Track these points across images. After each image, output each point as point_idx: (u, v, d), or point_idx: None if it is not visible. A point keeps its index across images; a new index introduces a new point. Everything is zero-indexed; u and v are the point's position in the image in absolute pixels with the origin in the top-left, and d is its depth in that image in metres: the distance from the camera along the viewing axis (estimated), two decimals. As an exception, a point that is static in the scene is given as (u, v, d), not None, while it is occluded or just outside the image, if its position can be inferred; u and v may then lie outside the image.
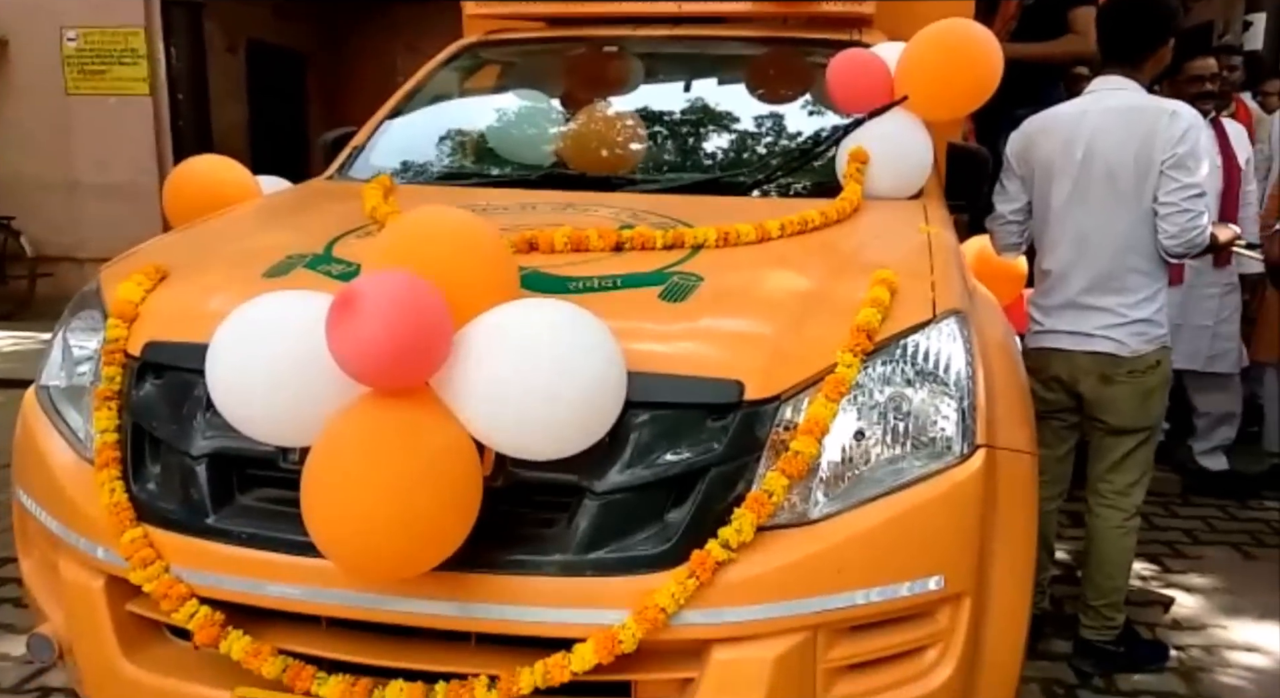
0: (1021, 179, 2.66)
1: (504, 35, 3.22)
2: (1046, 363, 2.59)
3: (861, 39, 2.89)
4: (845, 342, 1.55)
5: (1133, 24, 2.54)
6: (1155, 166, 2.40)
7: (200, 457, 1.54)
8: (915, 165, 2.36)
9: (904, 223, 2.14)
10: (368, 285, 1.24)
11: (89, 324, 1.83)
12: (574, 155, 2.71)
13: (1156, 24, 2.55)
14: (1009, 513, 1.62)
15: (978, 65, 2.30)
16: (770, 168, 2.44)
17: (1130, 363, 2.48)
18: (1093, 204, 2.49)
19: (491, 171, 2.63)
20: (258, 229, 2.17)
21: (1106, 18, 2.60)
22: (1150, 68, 2.57)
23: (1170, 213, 2.40)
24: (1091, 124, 2.49)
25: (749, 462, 1.46)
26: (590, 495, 1.43)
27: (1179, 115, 2.40)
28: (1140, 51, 2.54)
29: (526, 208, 2.18)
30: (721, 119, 2.75)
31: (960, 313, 1.68)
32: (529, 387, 1.29)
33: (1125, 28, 2.55)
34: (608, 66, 3.08)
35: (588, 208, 2.16)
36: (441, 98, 3.01)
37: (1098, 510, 2.59)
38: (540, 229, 1.85)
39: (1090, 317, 2.51)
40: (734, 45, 3.03)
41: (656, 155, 2.65)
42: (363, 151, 2.75)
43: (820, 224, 2.03)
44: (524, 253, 1.80)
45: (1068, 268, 2.54)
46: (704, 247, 1.88)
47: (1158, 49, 2.56)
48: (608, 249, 1.84)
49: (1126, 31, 2.54)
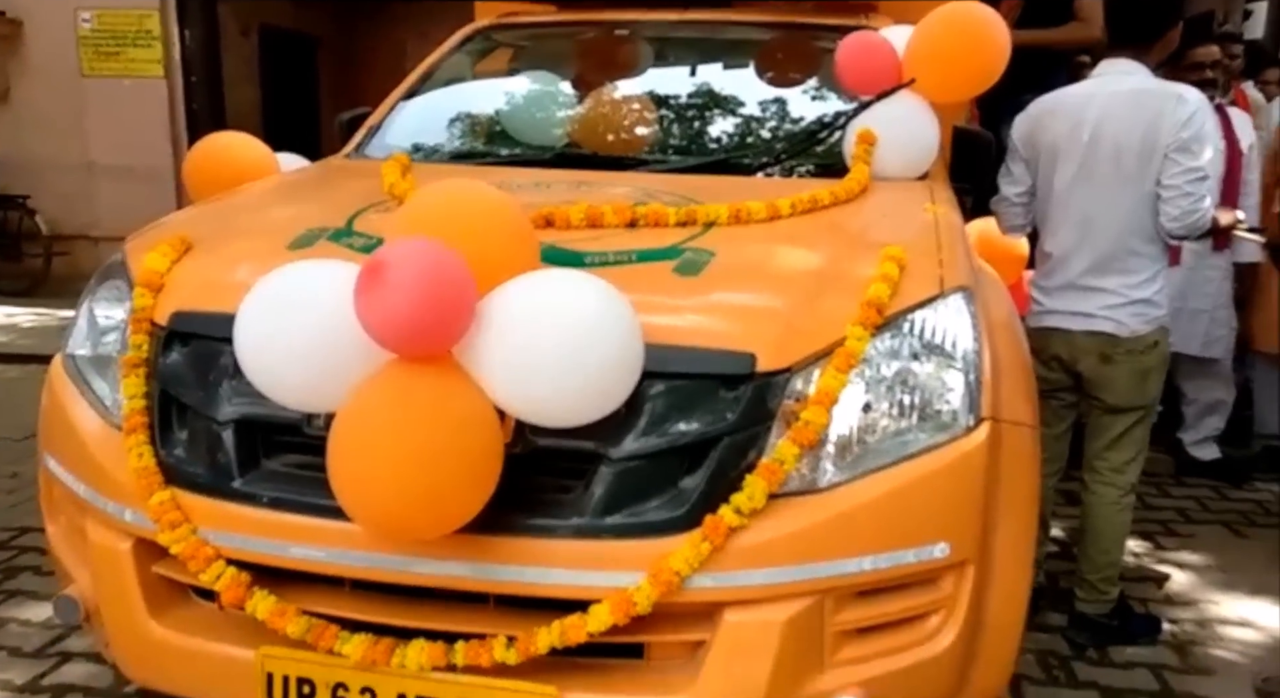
0: (1027, 162, 2.69)
1: (516, 19, 3.25)
2: (1047, 342, 2.63)
3: (868, 23, 2.92)
4: (855, 315, 1.59)
5: (1143, 7, 2.57)
6: (1160, 150, 2.43)
7: (226, 422, 1.58)
8: (922, 147, 2.40)
9: (911, 203, 2.17)
10: (396, 254, 1.28)
11: (115, 295, 1.88)
12: (586, 136, 2.75)
13: (1166, 7, 2.58)
14: (1012, 484, 1.66)
15: (985, 48, 2.33)
16: (779, 149, 2.48)
17: (1129, 343, 2.52)
18: (1097, 186, 2.52)
19: (505, 151, 2.67)
20: (279, 204, 2.22)
21: (1114, 3, 2.63)
22: (1158, 51, 2.60)
23: (1173, 196, 2.43)
24: (1099, 107, 2.52)
25: (761, 431, 1.50)
26: (607, 462, 1.47)
27: (1185, 99, 2.43)
28: (1150, 35, 2.57)
29: (541, 186, 2.22)
30: (731, 101, 2.79)
31: (967, 289, 1.71)
32: (550, 356, 1.33)
33: (1135, 11, 2.57)
34: (619, 50, 3.12)
35: (601, 186, 2.20)
36: (455, 80, 3.04)
37: (1094, 487, 2.64)
38: (556, 206, 1.89)
39: (1091, 297, 2.55)
40: (743, 30, 3.06)
41: (667, 136, 2.69)
42: (379, 131, 2.79)
43: (829, 203, 2.07)
44: (541, 228, 1.84)
45: (1070, 249, 2.58)
46: (716, 224, 1.91)
47: (1166, 32, 2.59)
48: (622, 225, 1.88)
49: (1136, 14, 2.57)
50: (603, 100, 2.79)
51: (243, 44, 7.87)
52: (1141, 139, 2.44)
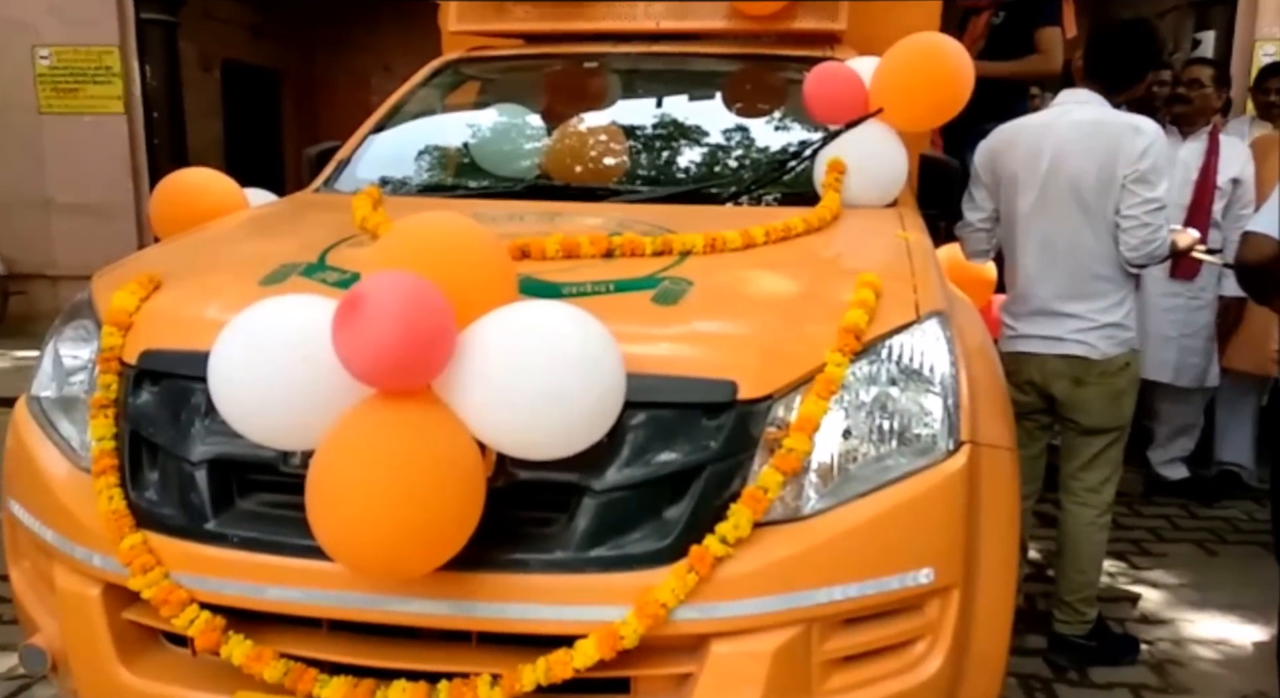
0: (988, 188, 2.74)
1: (485, 53, 3.26)
2: (1020, 366, 2.66)
3: (834, 55, 2.96)
4: (834, 341, 1.59)
5: (1124, 51, 2.62)
6: (1118, 180, 2.47)
7: (200, 462, 1.55)
8: (891, 175, 2.43)
9: (882, 229, 2.20)
10: (374, 287, 1.26)
11: (81, 334, 1.84)
12: (557, 168, 2.75)
13: (1145, 55, 2.65)
14: (993, 507, 1.67)
15: (950, 78, 2.37)
16: (750, 178, 2.50)
17: (1101, 365, 2.56)
18: (1057, 214, 2.56)
19: (476, 184, 2.67)
20: (249, 239, 2.19)
21: (1098, 40, 2.67)
22: (1127, 94, 2.66)
23: (1132, 226, 2.48)
24: (1056, 136, 2.57)
25: (744, 459, 1.50)
26: (590, 494, 1.46)
27: (1142, 131, 2.48)
28: (1124, 78, 2.62)
29: (514, 218, 2.22)
30: (701, 132, 2.81)
31: (942, 314, 1.73)
32: (531, 388, 1.32)
33: (1115, 53, 2.62)
34: (588, 82, 3.14)
35: (574, 217, 2.21)
36: (425, 113, 3.04)
37: (1070, 508, 2.66)
38: (531, 237, 1.89)
39: (1061, 322, 2.59)
40: (711, 62, 3.09)
41: (639, 167, 2.70)
42: (348, 165, 2.77)
43: (803, 231, 2.08)
44: (516, 260, 1.83)
45: (1035, 275, 2.62)
46: (692, 253, 1.92)
47: (1140, 80, 2.66)
48: (598, 256, 1.88)
49: (1116, 57, 2.61)
50: (573, 132, 2.81)
51: (205, 79, 7.82)
52: (1099, 169, 2.49)
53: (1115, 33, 2.69)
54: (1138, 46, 2.64)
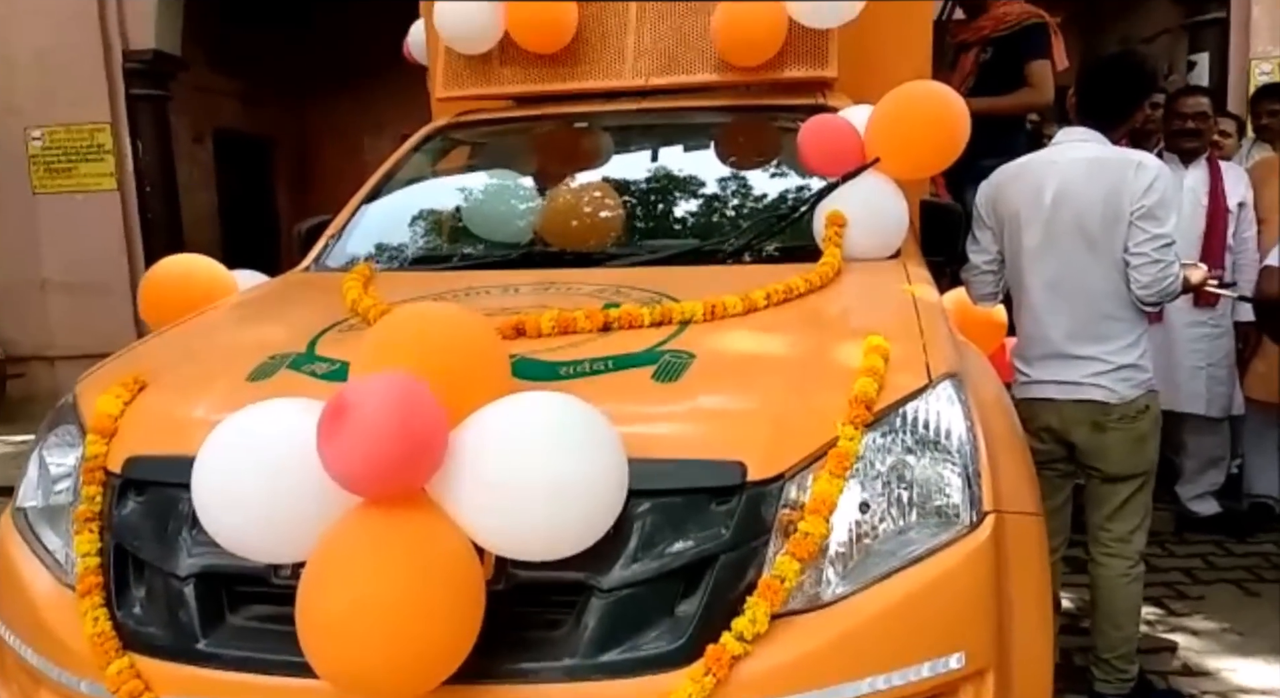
0: (992, 229, 2.68)
1: (474, 117, 3.23)
2: (1036, 413, 2.58)
3: (826, 102, 2.92)
4: (845, 414, 1.52)
5: (1114, 85, 2.57)
6: (1124, 217, 2.42)
7: (187, 577, 1.48)
8: (892, 225, 2.37)
9: (887, 284, 2.14)
10: (358, 392, 1.20)
11: (66, 440, 1.77)
12: (552, 232, 2.70)
13: (1137, 86, 2.60)
14: (1022, 579, 1.58)
15: (946, 125, 2.33)
16: (748, 235, 2.44)
17: (1120, 409, 2.48)
18: (1063, 252, 2.50)
19: (471, 253, 2.62)
20: (237, 328, 2.13)
21: (1087, 77, 2.63)
22: (1124, 128, 2.62)
23: (1142, 263, 2.41)
24: (1059, 173, 2.51)
25: (757, 546, 1.42)
26: (597, 593, 1.38)
27: (1145, 166, 2.43)
28: (1118, 112, 2.57)
29: (509, 290, 2.17)
30: (696, 188, 2.76)
31: (955, 376, 1.66)
32: (527, 487, 1.25)
33: (1105, 88, 2.57)
34: (580, 142, 3.10)
35: (570, 286, 2.15)
36: (416, 181, 3.00)
37: (1101, 560, 2.56)
38: (526, 313, 1.83)
39: (1075, 366, 2.51)
40: (702, 115, 3.05)
41: (635, 228, 2.66)
42: (339, 240, 2.73)
43: (805, 291, 2.02)
44: (511, 339, 1.78)
45: (1045, 317, 2.55)
46: (692, 321, 1.86)
47: (1136, 111, 2.61)
48: (595, 330, 1.82)
49: (1107, 92, 2.57)
50: (566, 195, 2.76)
51: (197, 151, 7.84)
52: (1104, 207, 2.43)
53: (1103, 68, 2.65)
54: (1127, 80, 2.59)
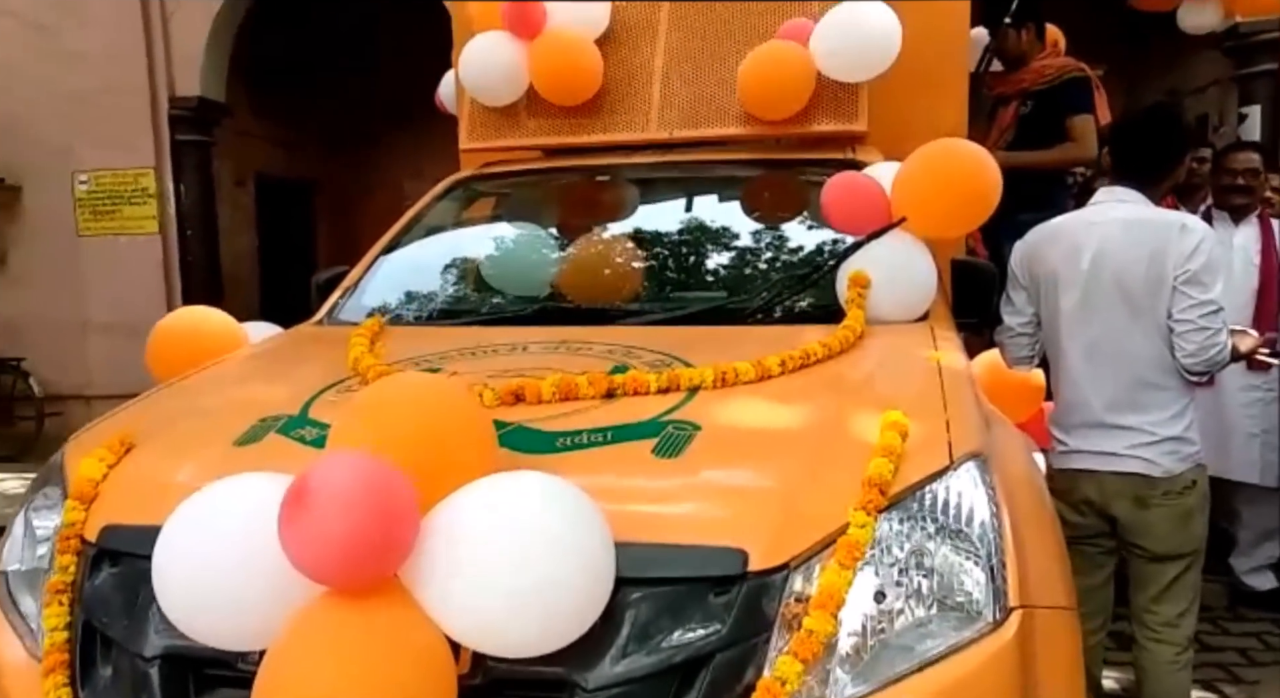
0: (1027, 290, 2.56)
1: (497, 169, 3.20)
2: (1074, 485, 2.44)
3: (855, 157, 2.85)
4: (857, 498, 1.41)
5: (1149, 142, 2.47)
6: (1168, 282, 2.29)
7: (153, 658, 1.40)
8: (919, 287, 2.27)
9: (911, 350, 2.03)
10: (322, 475, 1.12)
11: (50, 502, 1.72)
12: (570, 287, 2.64)
13: (1174, 142, 2.48)
14: (1052, 681, 1.45)
15: (975, 185, 2.23)
16: (769, 294, 2.35)
17: (1164, 484, 2.33)
18: (1103, 317, 2.38)
19: (486, 308, 2.56)
20: (234, 387, 2.07)
21: (1121, 134, 2.53)
22: (1164, 185, 2.50)
23: (1187, 330, 2.28)
24: (1098, 234, 2.40)
25: (758, 643, 1.31)
26: (581, 692, 1.27)
27: (1190, 228, 2.31)
28: (1156, 170, 2.46)
29: (518, 348, 2.10)
30: (717, 245, 2.69)
31: (980, 456, 1.54)
32: (505, 577, 1.16)
33: (1141, 145, 2.47)
34: (601, 196, 3.05)
35: (581, 346, 2.08)
36: (436, 232, 2.96)
37: (1147, 645, 2.40)
38: (527, 377, 1.76)
39: (1116, 436, 2.37)
40: (727, 168, 2.98)
41: (652, 285, 2.57)
42: (354, 292, 2.69)
43: (823, 357, 1.92)
44: (510, 405, 1.71)
45: (1083, 383, 2.42)
46: (701, 388, 1.77)
47: (1175, 168, 2.49)
48: (598, 397, 1.74)
49: (1142, 149, 2.46)
50: (584, 251, 2.70)
51: (239, 194, 7.98)
52: (1146, 270, 2.31)
53: (1137, 124, 2.54)
54: (1163, 135, 2.48)
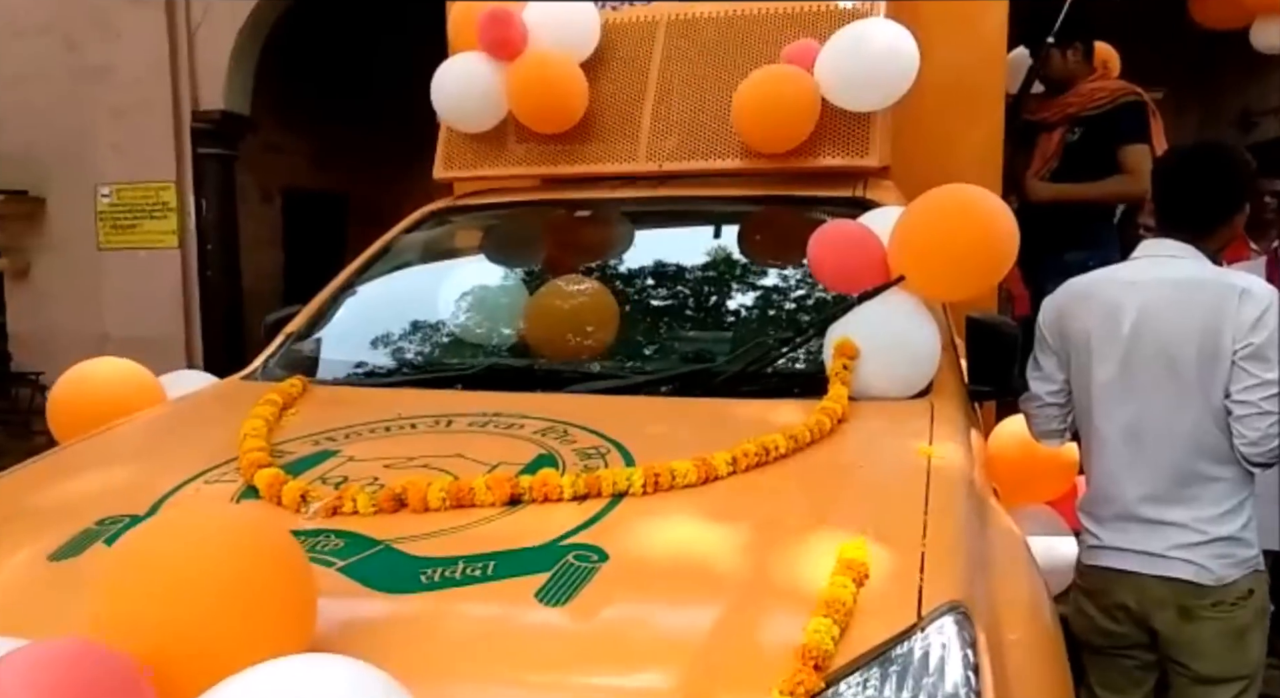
0: (1058, 355, 2.19)
1: (473, 200, 2.92)
2: (1108, 586, 2.07)
3: (865, 195, 2.50)
4: (784, 675, 1.08)
5: (1201, 187, 2.07)
6: (1226, 357, 1.92)
7: None
8: (918, 359, 1.92)
9: (899, 443, 1.71)
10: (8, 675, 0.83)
11: None
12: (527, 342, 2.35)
13: (1231, 186, 2.09)
14: None
15: (988, 238, 1.88)
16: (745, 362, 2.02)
17: (1216, 593, 1.96)
18: (1146, 393, 2.01)
19: (429, 367, 2.27)
20: (100, 467, 1.76)
21: (1168, 176, 2.13)
22: (1220, 238, 2.10)
23: (1248, 415, 1.91)
24: (1141, 296, 2.02)
25: None
26: None
27: (1252, 294, 1.93)
28: (1211, 221, 2.07)
29: (441, 423, 1.83)
30: (697, 298, 2.38)
31: (959, 608, 1.20)
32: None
33: (1191, 191, 2.07)
34: (577, 236, 2.75)
35: (514, 422, 1.80)
36: (398, 271, 2.69)
37: (1189, 780, 2.02)
38: (415, 478, 1.49)
39: (1158, 533, 2.00)
40: (720, 205, 2.65)
41: (617, 345, 2.26)
42: (295, 341, 2.42)
43: (787, 451, 1.60)
44: (390, 513, 1.43)
45: (1120, 471, 2.05)
46: (630, 493, 1.46)
47: (1232, 217, 2.09)
48: (499, 504, 1.44)
49: (1193, 195, 2.07)
50: (546, 301, 2.38)
51: (265, 208, 7.85)
52: (1200, 342, 1.94)
53: (1185, 165, 2.13)
54: (1216, 179, 2.07)
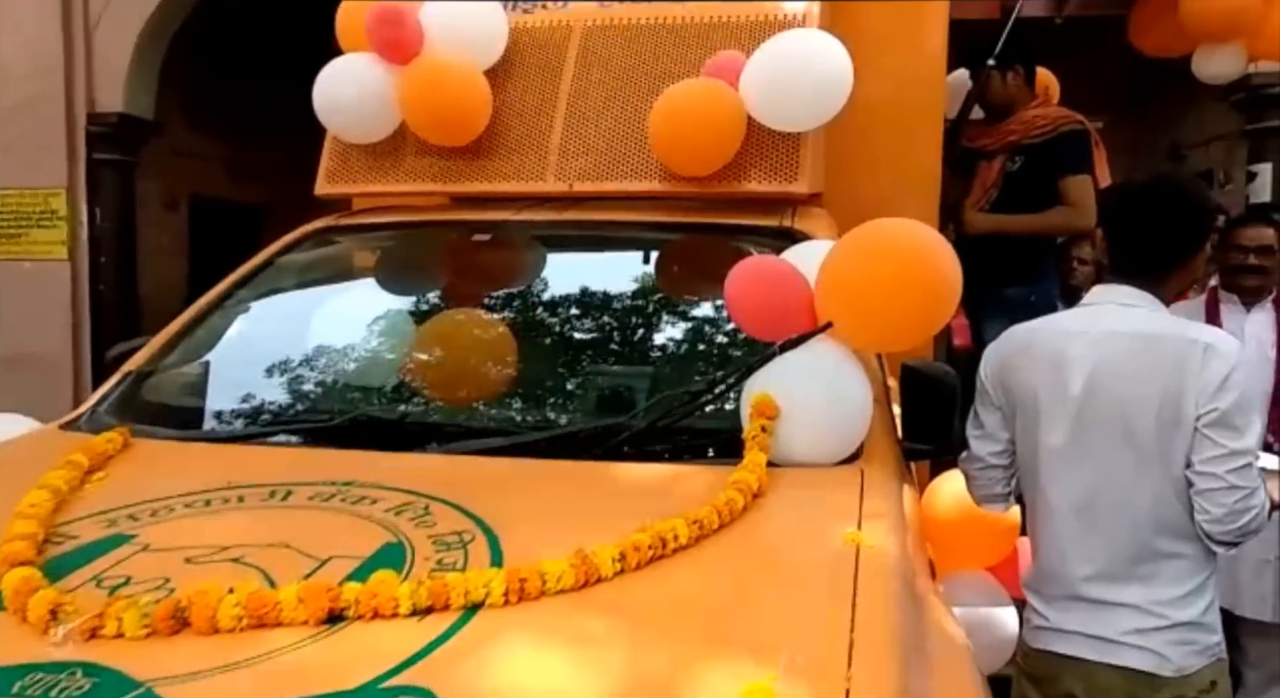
0: (1001, 411, 1.95)
1: (359, 219, 2.61)
2: (1055, 672, 1.85)
3: (793, 225, 2.26)
4: None
5: (1159, 224, 1.83)
6: (1188, 423, 1.70)
7: None
8: (846, 418, 1.66)
9: (822, 523, 1.44)
10: None
11: None
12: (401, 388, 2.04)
13: (1190, 225, 1.85)
14: None
15: (925, 282, 1.63)
16: (650, 418, 1.74)
17: (1174, 685, 1.75)
18: (1100, 461, 1.78)
19: (282, 418, 1.95)
20: None
21: (1120, 214, 1.90)
22: (1177, 283, 1.88)
23: (1211, 489, 1.69)
24: (1093, 352, 1.79)
25: None
26: None
27: (1217, 351, 1.70)
28: (1168, 262, 1.84)
29: (278, 495, 1.51)
30: (601, 341, 2.09)
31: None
32: None
33: (1147, 230, 1.83)
34: (471, 263, 2.45)
35: (367, 493, 1.50)
36: (265, 298, 2.36)
37: None
38: (208, 585, 1.16)
39: (1111, 616, 1.78)
40: (632, 232, 2.37)
41: (507, 394, 1.96)
42: (134, 380, 2.07)
43: (689, 540, 1.33)
44: (167, 635, 1.11)
45: (1069, 544, 1.83)
46: (488, 602, 1.17)
47: (1191, 259, 1.86)
48: (314, 623, 1.13)
49: (1149, 235, 1.83)
50: (428, 341, 2.08)
51: (169, 218, 7.36)
52: (1159, 405, 1.71)
53: (1139, 201, 1.89)
54: (1175, 217, 1.84)
